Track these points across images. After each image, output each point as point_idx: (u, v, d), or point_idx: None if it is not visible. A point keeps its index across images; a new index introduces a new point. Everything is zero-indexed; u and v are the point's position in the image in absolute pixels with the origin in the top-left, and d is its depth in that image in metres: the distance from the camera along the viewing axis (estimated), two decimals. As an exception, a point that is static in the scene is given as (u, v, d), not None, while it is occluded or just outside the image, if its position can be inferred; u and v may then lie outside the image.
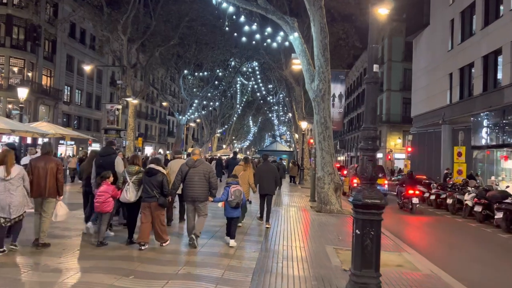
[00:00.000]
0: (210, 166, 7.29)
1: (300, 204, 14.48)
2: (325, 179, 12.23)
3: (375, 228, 3.99)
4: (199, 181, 6.84)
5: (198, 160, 7.07)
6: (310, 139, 27.76)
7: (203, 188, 6.87)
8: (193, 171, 6.87)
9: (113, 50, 28.00)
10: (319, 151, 12.50)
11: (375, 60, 4.45)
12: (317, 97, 12.52)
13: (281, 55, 27.10)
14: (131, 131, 27.52)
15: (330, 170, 12.27)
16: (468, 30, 24.13)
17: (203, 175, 6.87)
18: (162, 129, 64.18)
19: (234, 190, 7.14)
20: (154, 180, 6.62)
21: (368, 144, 4.18)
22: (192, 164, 6.95)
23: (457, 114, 24.88)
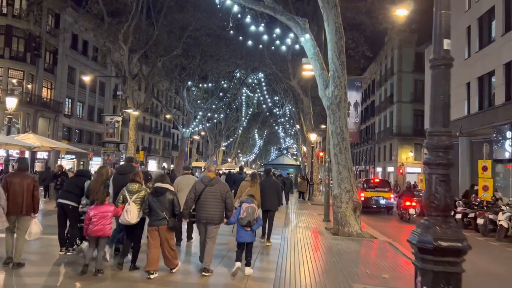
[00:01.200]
0: (227, 186, 6.63)
1: (312, 224, 13.02)
2: (343, 197, 10.81)
3: (454, 285, 2.61)
4: (214, 201, 6.26)
5: (214, 178, 6.45)
6: (320, 152, 26.44)
7: (218, 209, 6.27)
8: (209, 190, 6.28)
9: (114, 61, 27.00)
10: (335, 165, 11.10)
11: (446, 33, 3.14)
12: (332, 105, 11.18)
13: (288, 65, 25.94)
14: (132, 144, 26.35)
15: (348, 187, 10.85)
16: (486, 37, 22.82)
17: (219, 195, 6.28)
18: (167, 142, 63.10)
19: (247, 207, 6.40)
20: (163, 200, 5.92)
21: (438, 156, 2.86)
22: (208, 183, 6.33)
23: (476, 126, 23.40)
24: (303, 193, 24.55)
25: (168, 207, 5.92)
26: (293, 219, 14.06)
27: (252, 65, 36.53)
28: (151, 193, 6.09)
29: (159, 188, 6.03)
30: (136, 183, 6.36)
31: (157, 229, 5.88)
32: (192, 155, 43.27)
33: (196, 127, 38.34)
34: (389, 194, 19.77)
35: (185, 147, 35.78)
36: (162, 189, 6.01)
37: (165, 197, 5.93)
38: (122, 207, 6.16)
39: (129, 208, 6.10)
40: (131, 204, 6.12)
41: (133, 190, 6.24)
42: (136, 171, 6.86)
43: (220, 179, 6.89)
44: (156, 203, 5.91)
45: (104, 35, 25.64)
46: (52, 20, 34.72)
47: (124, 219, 6.11)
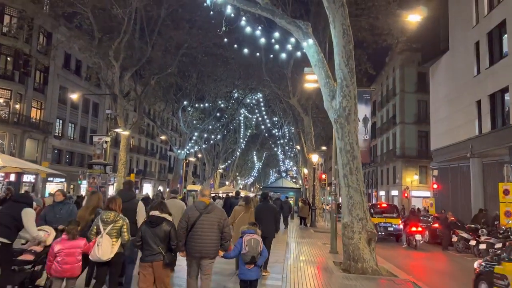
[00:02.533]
0: (224, 213, 5.80)
1: (318, 257, 11.29)
2: (354, 227, 9.16)
3: None
4: (210, 231, 5.42)
5: (210, 204, 5.62)
6: (322, 174, 24.84)
7: (214, 241, 5.45)
8: (205, 218, 5.44)
9: (104, 78, 25.68)
10: (345, 189, 9.49)
11: None
12: (339, 118, 9.67)
13: (287, 82, 24.64)
14: (122, 166, 24.74)
15: (361, 214, 9.22)
16: (497, 52, 21.60)
17: (216, 223, 5.47)
18: (163, 165, 61.42)
19: (249, 239, 5.60)
20: (159, 232, 5.08)
21: None
22: (203, 210, 5.48)
23: (489, 146, 21.88)
24: (305, 218, 22.76)
25: (164, 239, 5.07)
26: (295, 251, 12.31)
27: (250, 85, 35.43)
28: (145, 222, 5.26)
29: (155, 217, 5.15)
30: (112, 212, 5.45)
31: (151, 265, 5.03)
32: (188, 178, 41.54)
33: (191, 149, 36.82)
34: (398, 220, 18.11)
35: (180, 169, 34.14)
36: (158, 218, 5.14)
37: (161, 228, 5.08)
38: (95, 240, 5.27)
39: (101, 241, 5.20)
40: (104, 236, 5.22)
41: (108, 220, 5.36)
42: (112, 197, 5.83)
43: (216, 205, 5.91)
44: (151, 235, 5.04)
45: (94, 52, 24.43)
46: (43, 38, 33.66)
47: (94, 255, 5.19)
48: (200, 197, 5.81)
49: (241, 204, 8.66)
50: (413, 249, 15.53)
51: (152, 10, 24.73)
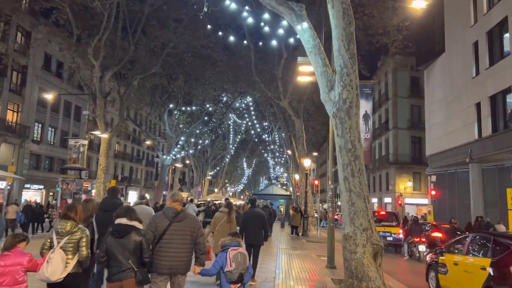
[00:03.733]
0: (198, 221, 5.00)
1: (314, 273, 9.89)
2: (358, 239, 7.80)
3: None
4: (181, 242, 4.64)
5: (182, 211, 4.77)
6: (314, 180, 23.54)
7: (187, 254, 4.67)
8: (176, 227, 4.65)
9: (83, 78, 24.13)
10: (346, 194, 8.14)
11: None
12: (339, 112, 8.34)
13: (278, 83, 23.38)
14: (102, 172, 23.12)
15: (365, 223, 7.86)
16: (498, 52, 20.62)
17: (189, 233, 4.69)
18: (149, 172, 59.61)
19: (235, 254, 4.87)
20: (128, 243, 4.29)
21: None
22: (174, 218, 4.67)
23: (490, 150, 20.81)
24: (297, 227, 21.33)
25: (134, 252, 4.26)
26: (286, 265, 10.87)
27: (240, 89, 34.17)
28: (110, 233, 4.35)
29: (122, 226, 4.34)
30: (68, 221, 4.58)
31: (120, 285, 4.23)
32: (174, 185, 39.92)
33: (178, 154, 35.26)
34: (398, 229, 16.83)
35: (165, 175, 32.53)
36: (127, 227, 4.32)
37: (130, 238, 4.28)
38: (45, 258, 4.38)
39: (52, 257, 4.31)
40: (56, 251, 4.35)
41: (63, 231, 4.50)
42: (71, 204, 4.93)
43: (189, 212, 4.96)
44: (118, 248, 4.24)
45: (72, 50, 22.91)
46: (22, 37, 31.99)
47: (42, 274, 4.29)
48: (171, 203, 4.87)
49: (222, 211, 8.08)
50: (417, 260, 14.23)
51: (135, 5, 23.36)
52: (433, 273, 9.10)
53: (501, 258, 6.87)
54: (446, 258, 8.65)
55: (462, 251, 8.26)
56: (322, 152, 69.63)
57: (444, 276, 8.51)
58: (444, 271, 8.52)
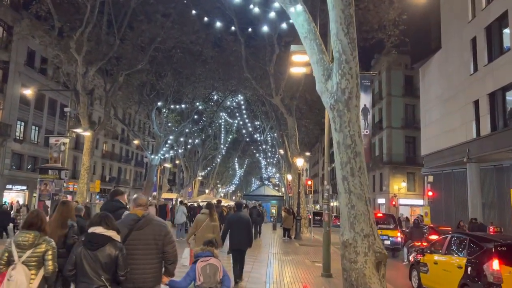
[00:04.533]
0: (165, 226, 4.23)
1: (306, 281, 8.99)
2: (358, 246, 6.89)
3: None
4: (145, 252, 3.94)
5: (143, 216, 4.08)
6: (307, 181, 22.69)
7: (153, 265, 3.97)
8: (137, 236, 3.96)
9: (65, 74, 23.03)
10: (345, 195, 7.23)
11: None
12: (337, 103, 7.42)
13: (270, 80, 22.49)
14: (85, 172, 22.09)
15: (366, 229, 6.96)
16: (497, 48, 19.93)
17: (153, 242, 3.98)
18: (138, 172, 58.37)
19: (204, 266, 4.38)
20: (102, 256, 3.61)
21: None
22: (134, 224, 4.00)
23: (489, 150, 20.10)
24: (289, 230, 20.41)
25: (108, 268, 3.67)
26: (277, 273, 9.94)
27: (231, 86, 33.27)
28: (82, 243, 3.78)
29: (96, 236, 3.73)
30: (31, 232, 4.04)
31: None
32: (163, 185, 38.83)
33: (166, 154, 34.20)
34: (396, 232, 16.00)
35: (153, 176, 31.46)
36: (102, 238, 3.71)
37: (104, 251, 3.67)
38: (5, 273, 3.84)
39: (13, 274, 3.81)
40: (17, 267, 3.84)
41: (25, 244, 3.97)
42: (35, 212, 4.31)
43: (154, 217, 4.26)
44: (90, 261, 3.66)
45: (54, 43, 21.82)
46: (3, 32, 30.71)
47: None
48: (133, 208, 4.26)
49: (204, 212, 7.76)
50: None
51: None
52: (415, 272, 9.54)
53: (476, 257, 7.27)
54: (427, 257, 8.99)
55: (442, 251, 8.61)
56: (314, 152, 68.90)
57: (425, 275, 8.91)
58: (425, 270, 8.90)
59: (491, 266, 6.82)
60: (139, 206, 4.21)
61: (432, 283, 8.66)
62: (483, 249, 7.29)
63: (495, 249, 7.06)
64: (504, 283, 6.65)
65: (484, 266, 6.93)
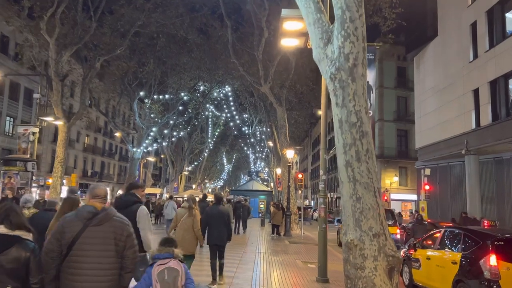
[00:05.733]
0: (127, 224, 3.43)
1: (298, 286, 7.65)
2: (366, 248, 5.51)
3: None
4: (101, 255, 3.23)
5: (103, 210, 3.35)
6: (298, 174, 21.41)
7: (108, 271, 3.25)
8: (92, 233, 3.24)
9: (36, 58, 21.28)
10: (348, 185, 5.82)
11: None
12: (339, 72, 5.99)
13: (258, 66, 21.05)
14: (59, 164, 20.45)
15: (376, 227, 5.58)
16: (500, 32, 18.79)
17: (112, 242, 3.28)
18: (123, 167, 56.44)
19: (161, 271, 3.63)
20: (6, 261, 2.95)
21: None
22: (90, 219, 3.28)
23: (489, 141, 19.01)
24: (278, 226, 19.08)
25: (15, 274, 2.91)
26: (265, 279, 8.56)
27: (217, 77, 31.83)
28: None
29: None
30: None
31: None
32: (147, 180, 37.22)
33: (149, 147, 32.59)
34: (395, 228, 14.79)
35: (135, 170, 29.87)
36: (5, 239, 2.96)
37: (9, 255, 2.94)
38: None
39: None
40: None
41: None
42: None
43: (115, 212, 3.44)
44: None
45: (23, 24, 20.08)
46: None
47: None
48: (89, 199, 3.51)
49: (184, 206, 7.50)
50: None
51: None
52: (406, 268, 9.27)
53: (471, 252, 6.99)
54: (419, 253, 8.68)
55: (435, 246, 8.26)
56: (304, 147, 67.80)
57: (417, 271, 8.62)
58: (417, 265, 8.61)
59: (488, 262, 6.47)
60: (96, 198, 3.45)
61: (425, 279, 8.29)
62: (479, 244, 6.96)
63: (492, 244, 6.68)
64: (502, 280, 6.30)
65: (480, 261, 6.60)
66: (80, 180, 44.31)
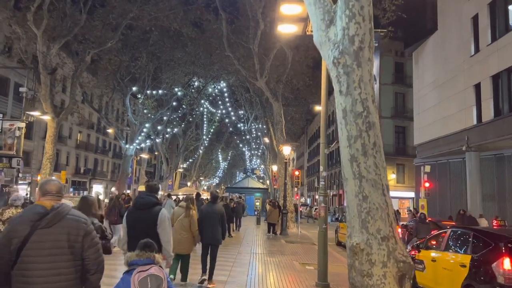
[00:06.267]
0: (85, 223, 3.02)
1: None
2: (374, 253, 4.93)
3: None
4: (53, 260, 2.82)
5: (53, 209, 2.91)
6: (295, 171, 20.82)
7: (64, 276, 2.86)
8: (42, 236, 2.84)
9: (23, 51, 20.54)
10: (353, 182, 5.23)
11: None
12: (343, 56, 5.37)
13: (254, 60, 20.42)
14: (47, 161, 19.78)
15: (385, 229, 5.01)
16: (503, 25, 18.28)
17: (65, 244, 2.87)
18: (116, 164, 55.63)
19: (143, 278, 3.28)
20: None
21: None
22: (37, 220, 2.86)
23: (491, 137, 18.52)
24: (274, 225, 18.50)
25: None
26: (261, 283, 7.96)
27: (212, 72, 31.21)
28: None
29: None
30: None
31: None
32: (140, 177, 36.52)
33: (143, 143, 31.90)
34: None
35: (128, 167, 29.17)
36: None
37: None
38: None
39: None
40: None
41: None
42: None
43: (70, 209, 2.96)
44: None
45: (9, 15, 19.34)
46: None
47: None
48: (39, 197, 3.01)
49: (181, 205, 7.40)
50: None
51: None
52: None
53: (482, 255, 6.52)
54: (423, 254, 8.20)
55: (440, 247, 7.79)
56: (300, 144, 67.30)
57: (421, 273, 8.18)
58: (421, 267, 8.16)
59: (502, 265, 5.99)
60: (46, 195, 3.00)
61: (430, 282, 7.83)
62: (491, 246, 6.47)
63: (506, 246, 6.17)
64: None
65: (493, 265, 6.14)
66: (73, 178, 43.56)
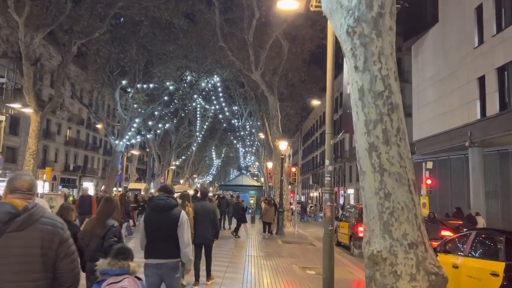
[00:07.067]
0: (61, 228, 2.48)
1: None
2: (399, 263, 3.99)
3: None
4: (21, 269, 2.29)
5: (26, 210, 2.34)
6: (291, 168, 19.97)
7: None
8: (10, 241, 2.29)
9: (5, 40, 19.47)
10: (373, 176, 4.24)
11: None
12: (360, 24, 4.42)
13: (249, 51, 19.50)
14: (31, 157, 18.91)
15: (413, 233, 4.07)
16: (509, 14, 17.51)
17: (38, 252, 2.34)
18: (107, 161, 54.45)
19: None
20: None
21: None
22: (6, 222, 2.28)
23: (497, 132, 17.76)
24: (270, 224, 17.63)
25: None
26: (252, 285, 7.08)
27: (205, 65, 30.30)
28: None
29: None
30: None
31: None
32: (131, 174, 35.46)
33: (133, 139, 30.87)
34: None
35: (117, 163, 28.14)
36: None
37: None
38: None
39: None
40: None
41: None
42: None
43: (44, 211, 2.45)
44: None
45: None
46: None
47: None
48: (7, 195, 2.44)
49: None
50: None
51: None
52: None
53: None
54: (441, 259, 6.97)
55: (463, 252, 6.89)
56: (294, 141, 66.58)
57: None
58: None
59: None
60: (15, 192, 2.44)
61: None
62: None
63: None
64: None
65: None
66: (62, 175, 42.41)
